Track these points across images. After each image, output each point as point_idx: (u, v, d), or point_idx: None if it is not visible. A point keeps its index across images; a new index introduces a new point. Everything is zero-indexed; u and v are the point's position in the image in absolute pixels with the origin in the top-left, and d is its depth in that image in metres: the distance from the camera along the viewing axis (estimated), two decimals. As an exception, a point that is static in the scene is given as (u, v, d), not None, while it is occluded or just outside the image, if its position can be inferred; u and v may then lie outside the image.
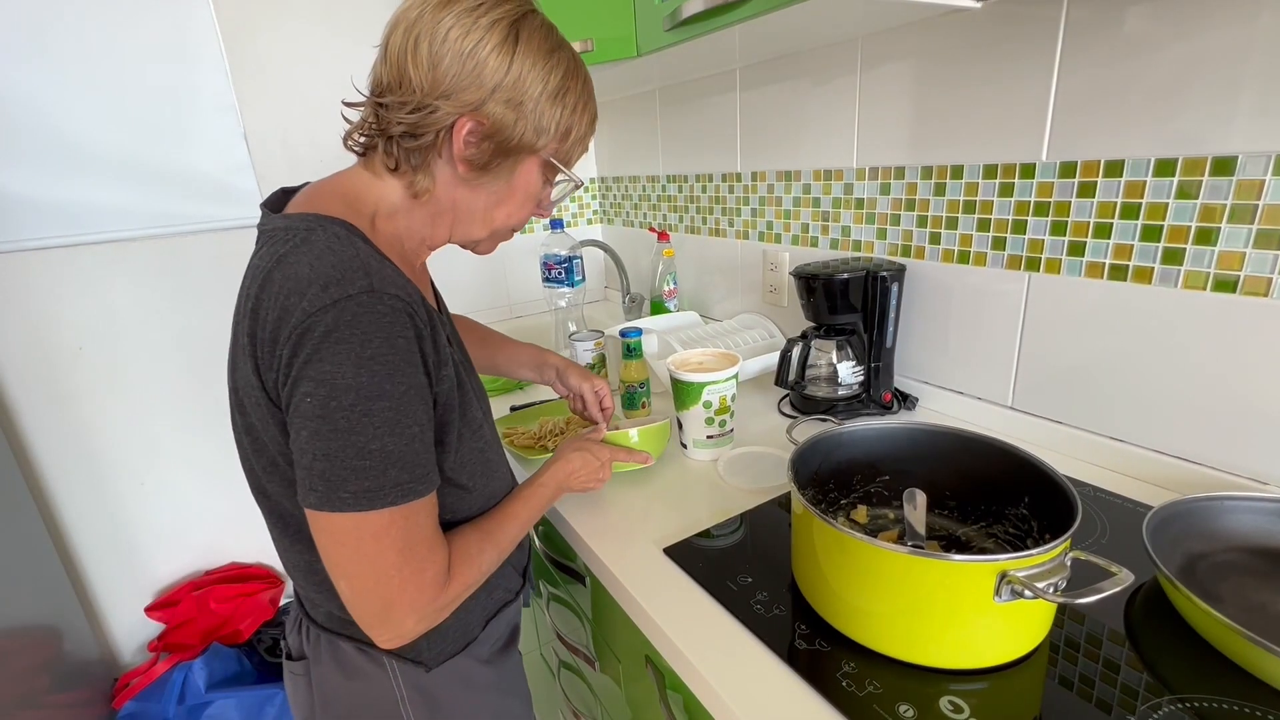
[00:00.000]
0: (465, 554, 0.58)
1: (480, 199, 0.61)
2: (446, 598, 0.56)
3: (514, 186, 0.61)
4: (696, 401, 0.90)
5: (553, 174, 0.63)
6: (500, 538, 0.63)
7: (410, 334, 0.50)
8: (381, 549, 0.50)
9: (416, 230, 0.62)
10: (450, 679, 0.65)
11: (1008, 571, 0.48)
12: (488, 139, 0.56)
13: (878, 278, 0.97)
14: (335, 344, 0.46)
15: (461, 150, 0.56)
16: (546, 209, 0.68)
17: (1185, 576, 0.59)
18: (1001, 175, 0.87)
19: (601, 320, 1.76)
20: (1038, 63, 0.80)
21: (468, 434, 0.60)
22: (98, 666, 1.46)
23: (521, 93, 0.55)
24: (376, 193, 0.59)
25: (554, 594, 1.07)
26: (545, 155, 0.60)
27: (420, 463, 0.51)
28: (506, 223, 0.64)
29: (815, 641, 0.57)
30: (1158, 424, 0.78)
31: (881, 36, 0.98)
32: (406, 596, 0.52)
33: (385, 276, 0.50)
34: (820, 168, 1.15)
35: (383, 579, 0.51)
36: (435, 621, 0.57)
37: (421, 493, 0.51)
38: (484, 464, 0.63)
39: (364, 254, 0.51)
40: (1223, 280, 0.69)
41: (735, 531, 0.75)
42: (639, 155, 1.69)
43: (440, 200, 0.60)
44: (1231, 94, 0.65)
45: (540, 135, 0.58)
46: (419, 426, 0.51)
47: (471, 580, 0.59)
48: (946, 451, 0.68)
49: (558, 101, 0.58)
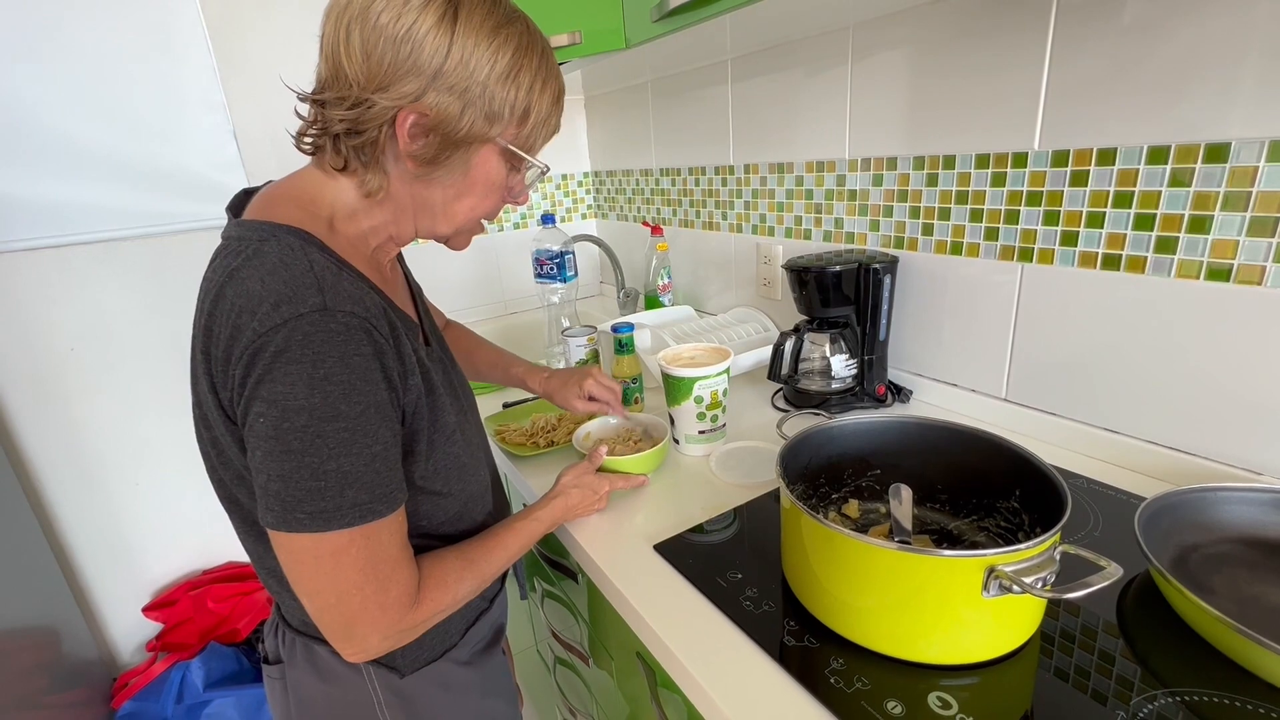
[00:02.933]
0: (441, 579, 0.57)
1: (438, 194, 0.57)
2: (414, 619, 0.54)
3: (472, 179, 0.57)
4: (688, 397, 0.89)
5: (519, 161, 0.58)
6: (483, 567, 0.61)
7: (367, 350, 0.48)
8: (341, 568, 0.49)
9: (380, 230, 0.59)
10: (428, 682, 0.64)
11: (995, 567, 0.47)
12: (433, 131, 0.52)
13: (870, 270, 0.96)
14: (287, 364, 0.45)
15: (407, 145, 0.52)
16: (520, 197, 0.64)
17: (1177, 569, 0.59)
18: (994, 165, 0.86)
19: (596, 316, 1.75)
20: (1030, 50, 0.78)
21: (440, 441, 0.58)
22: (96, 667, 1.46)
23: (466, 77, 0.51)
24: (331, 194, 0.56)
25: (548, 591, 1.07)
26: (503, 142, 0.56)
27: (381, 482, 0.49)
28: (471, 216, 0.60)
29: (804, 638, 0.57)
30: (1151, 415, 0.77)
31: (873, 25, 0.97)
32: (369, 615, 0.51)
33: (340, 291, 0.48)
34: (813, 159, 1.14)
35: (344, 597, 0.50)
36: (403, 641, 0.56)
37: (382, 513, 0.49)
38: (459, 469, 0.61)
39: (319, 267, 0.49)
40: (1216, 269, 0.68)
41: (727, 527, 0.75)
42: (632, 149, 1.68)
43: (397, 197, 0.57)
44: (1225, 80, 0.64)
45: (494, 122, 0.54)
46: (380, 445, 0.49)
47: (444, 605, 0.57)
48: (937, 445, 0.68)
49: (510, 83, 0.53)
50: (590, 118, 1.84)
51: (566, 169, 1.88)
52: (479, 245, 1.77)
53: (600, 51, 1.07)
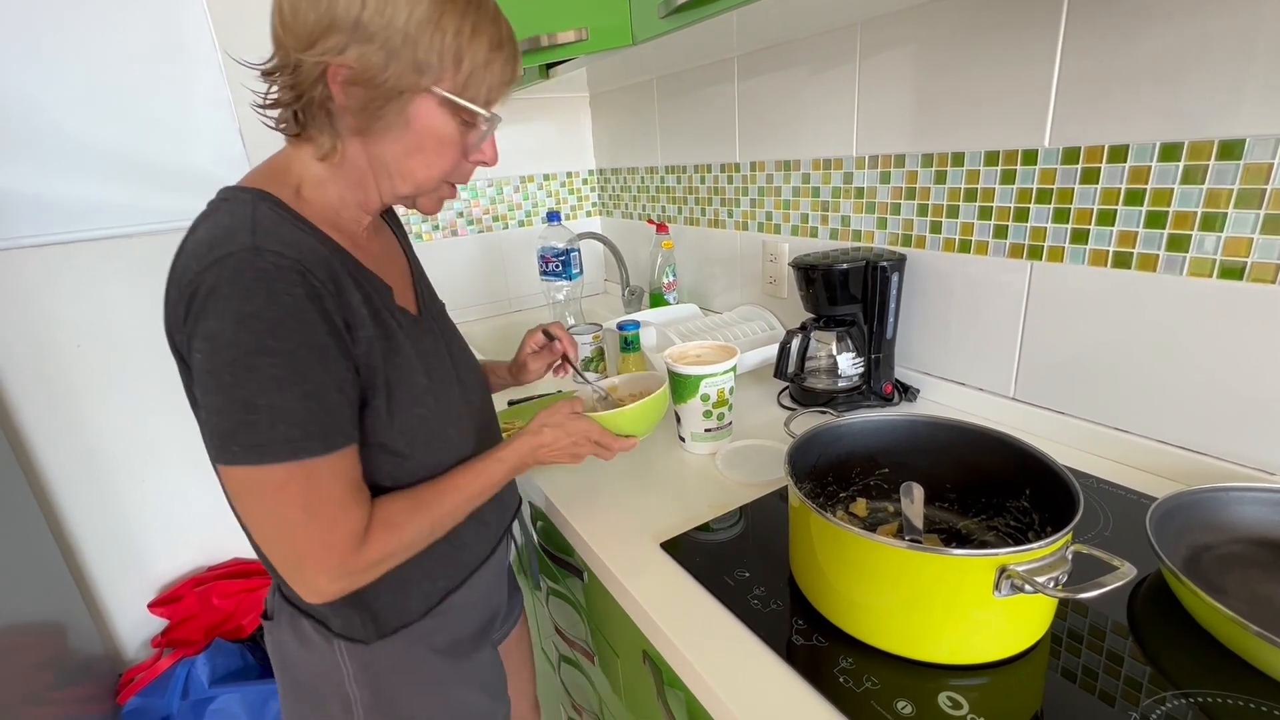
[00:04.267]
0: (388, 519, 0.57)
1: (389, 151, 0.57)
2: (361, 561, 0.55)
3: (417, 133, 0.57)
4: (694, 394, 0.89)
5: (466, 113, 0.57)
6: (435, 508, 0.60)
7: (299, 292, 0.49)
8: (283, 503, 0.51)
9: (348, 197, 0.60)
10: (396, 663, 0.65)
11: (1007, 566, 0.47)
12: (362, 84, 0.53)
13: (878, 268, 0.95)
14: (218, 301, 0.47)
15: (342, 101, 0.53)
16: (487, 155, 0.63)
17: (1189, 569, 0.58)
18: (1003, 162, 0.85)
19: (601, 314, 1.75)
20: (1040, 46, 0.78)
21: (406, 400, 0.59)
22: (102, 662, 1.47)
23: (385, 26, 0.51)
24: (299, 165, 0.58)
25: (553, 588, 1.07)
26: (440, 92, 0.55)
27: (314, 420, 0.50)
28: (428, 174, 0.60)
29: (813, 637, 0.57)
30: (1162, 414, 0.77)
31: (881, 22, 0.96)
32: (314, 554, 0.53)
33: (274, 235, 0.50)
34: (819, 157, 1.13)
35: (287, 533, 0.52)
36: (353, 584, 0.56)
37: (316, 450, 0.50)
38: (427, 434, 0.61)
39: (260, 215, 0.51)
40: (1229, 267, 0.68)
41: (733, 525, 0.75)
42: (637, 146, 1.67)
43: (354, 160, 0.58)
44: (1238, 75, 0.64)
45: (424, 71, 0.53)
46: (314, 385, 0.50)
47: (392, 548, 0.57)
48: (946, 443, 0.67)
49: (434, 29, 0.52)
50: (596, 115, 1.83)
51: (571, 166, 1.88)
52: (483, 243, 1.77)
53: (606, 48, 1.06)
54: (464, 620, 0.71)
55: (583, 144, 1.87)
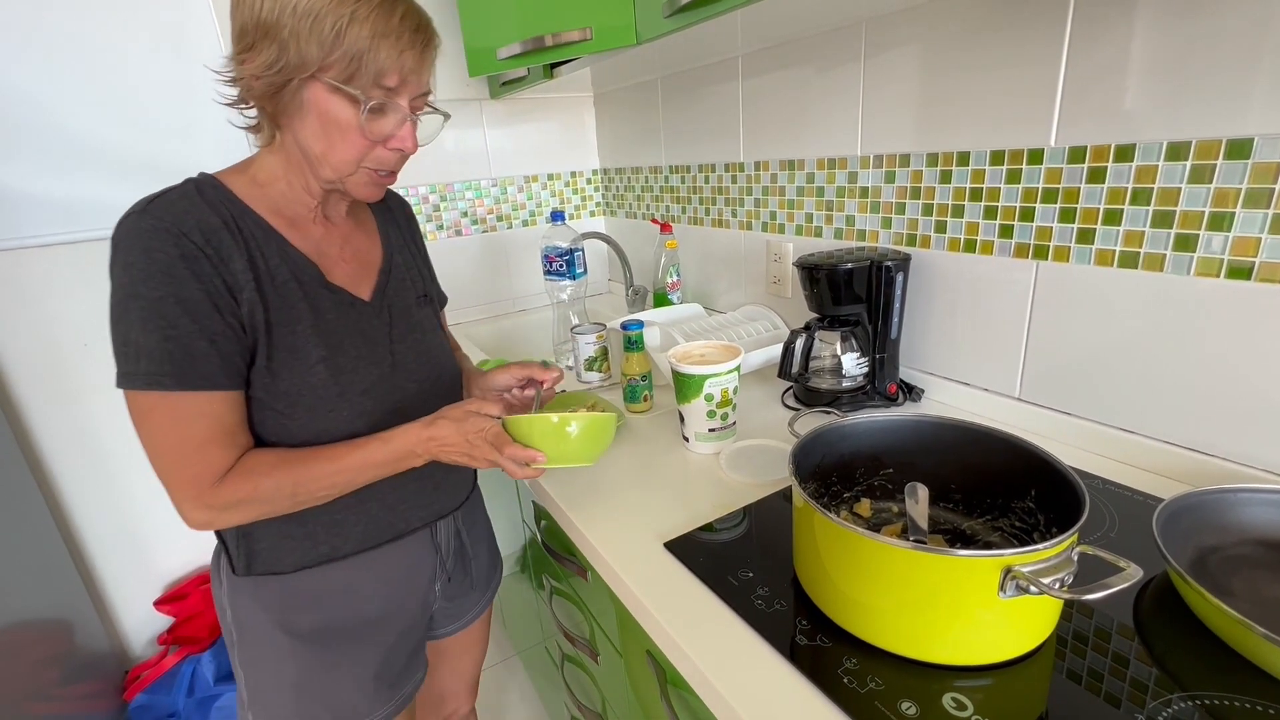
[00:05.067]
0: (250, 467, 0.63)
1: (302, 137, 0.63)
2: (219, 499, 0.61)
3: (318, 118, 0.62)
4: (698, 394, 0.89)
5: (357, 99, 0.61)
6: (300, 470, 0.64)
7: (172, 251, 0.57)
8: (152, 430, 0.59)
9: (296, 182, 0.67)
10: (256, 622, 0.71)
11: (1012, 567, 0.47)
12: (262, 77, 0.60)
13: (882, 267, 0.95)
14: (114, 252, 0.58)
15: (255, 91, 0.61)
16: (403, 143, 0.66)
17: (1196, 570, 0.58)
18: (1009, 161, 0.85)
19: (605, 313, 1.75)
20: (1046, 45, 0.77)
21: (292, 366, 0.64)
22: (108, 659, 1.48)
23: (275, 23, 0.58)
24: (260, 156, 0.68)
25: (556, 588, 1.07)
26: (326, 79, 0.60)
27: (174, 360, 0.57)
28: (339, 157, 0.64)
29: (817, 637, 0.57)
30: (1169, 415, 0.76)
31: (885, 20, 0.96)
32: (174, 480, 0.61)
33: (165, 205, 0.59)
34: (824, 156, 1.13)
35: (156, 457, 0.60)
36: (219, 519, 0.63)
37: (170, 386, 0.58)
38: (312, 400, 0.66)
39: (178, 191, 0.61)
40: (1237, 267, 0.67)
41: (737, 526, 0.75)
42: (641, 146, 1.67)
43: (288, 149, 0.65)
44: (1246, 74, 0.63)
45: (306, 58, 0.59)
46: (177, 331, 0.57)
47: (244, 494, 0.62)
48: (951, 444, 0.67)
49: (315, 20, 0.58)
50: (600, 114, 1.83)
51: (576, 166, 1.88)
52: (487, 242, 1.78)
53: (611, 48, 1.06)
54: (347, 605, 0.74)
55: (587, 143, 1.88)
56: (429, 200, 1.67)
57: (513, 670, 1.68)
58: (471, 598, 0.91)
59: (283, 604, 0.72)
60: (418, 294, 0.80)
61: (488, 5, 1.25)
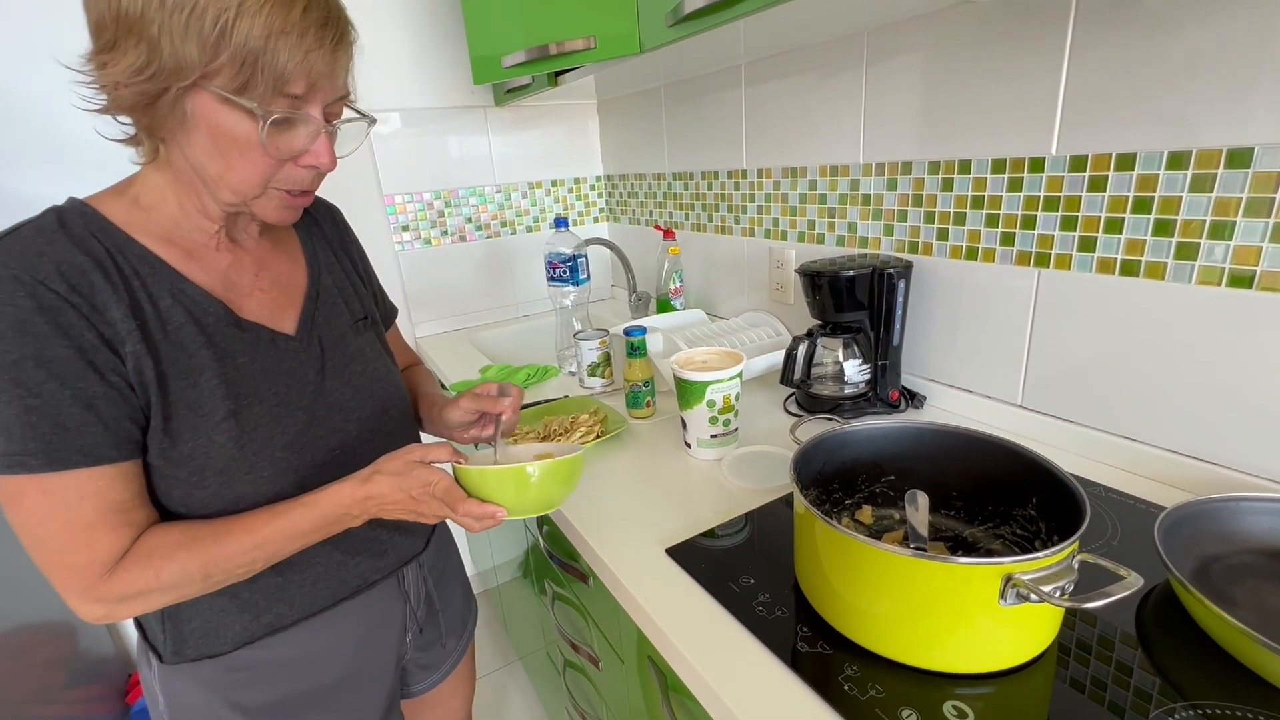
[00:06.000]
0: (149, 551, 0.53)
1: (193, 154, 0.53)
2: (111, 591, 0.51)
3: (208, 133, 0.51)
4: (700, 400, 0.89)
5: (250, 110, 0.51)
6: (211, 549, 0.54)
7: (26, 305, 0.47)
8: (25, 518, 0.50)
9: (189, 204, 0.57)
10: (200, 705, 0.62)
11: (1013, 575, 0.47)
12: (129, 85, 0.49)
13: (884, 274, 0.95)
14: None
15: (121, 100, 0.50)
16: (318, 158, 0.56)
17: (1199, 579, 0.58)
18: (1010, 170, 0.85)
19: (608, 319, 1.75)
20: (1047, 54, 0.78)
21: (194, 421, 0.54)
22: (112, 663, 1.48)
23: (138, 17, 0.47)
24: (142, 174, 0.57)
25: (558, 593, 1.07)
26: (212, 88, 0.49)
27: (38, 436, 0.48)
28: (240, 177, 0.54)
29: (817, 644, 0.57)
30: (1171, 423, 0.76)
31: (888, 30, 0.96)
32: (59, 573, 0.51)
33: (15, 251, 0.48)
34: (826, 164, 1.14)
35: (36, 546, 0.51)
36: (117, 612, 0.53)
37: (35, 467, 0.48)
38: (224, 463, 0.56)
39: (34, 226, 0.51)
40: (1238, 275, 0.67)
41: (739, 532, 0.75)
42: (644, 152, 1.68)
43: (176, 166, 0.55)
44: (1247, 83, 0.63)
45: (184, 62, 0.47)
46: (39, 400, 0.48)
47: (143, 584, 0.52)
48: (952, 451, 0.67)
49: (192, 14, 0.47)
50: (603, 121, 1.84)
51: (579, 172, 1.89)
52: (491, 248, 1.79)
53: (615, 56, 1.07)
54: (305, 675, 0.66)
55: (590, 150, 1.89)
56: (433, 206, 1.68)
57: (514, 675, 1.68)
58: (449, 644, 0.85)
59: (229, 681, 0.63)
60: (355, 318, 0.70)
61: (493, 14, 1.26)
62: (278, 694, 0.65)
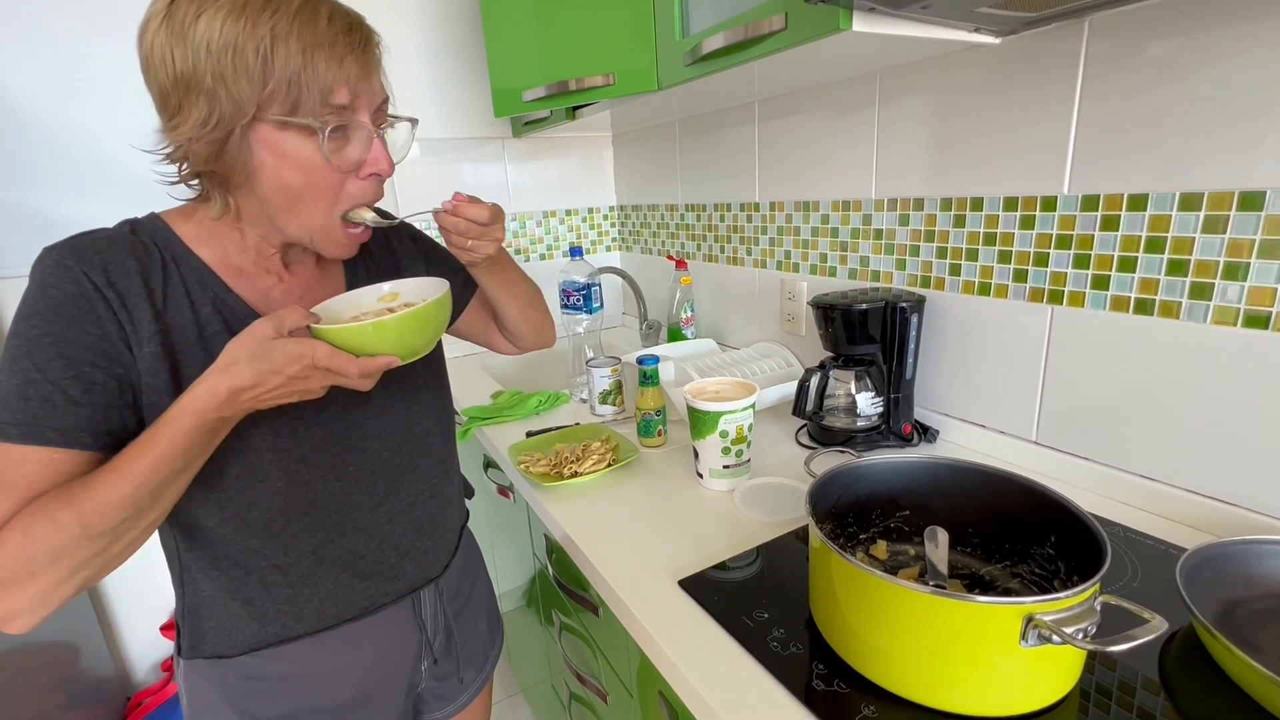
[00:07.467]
0: (22, 516, 0.49)
1: (264, 191, 0.56)
2: None
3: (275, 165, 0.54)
4: (713, 431, 0.89)
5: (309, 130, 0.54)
6: (80, 496, 0.48)
7: (69, 289, 0.51)
8: None
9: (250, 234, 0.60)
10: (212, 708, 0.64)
11: (1034, 615, 0.46)
12: (201, 139, 0.52)
13: (897, 308, 0.96)
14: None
15: (197, 158, 0.54)
16: (377, 165, 0.58)
17: (1222, 624, 0.57)
18: (1022, 208, 0.86)
19: (619, 347, 1.76)
20: (1058, 96, 0.80)
21: None
22: (112, 685, 1.47)
23: (193, 71, 0.50)
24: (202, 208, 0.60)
25: (565, 623, 1.06)
26: (269, 117, 0.52)
27: (27, 409, 0.49)
28: (314, 206, 0.57)
29: (834, 682, 0.56)
30: (1189, 462, 0.76)
31: (900, 71, 0.99)
32: None
33: (79, 245, 0.53)
34: (839, 198, 1.15)
35: None
36: (7, 598, 0.48)
37: (14, 438, 0.49)
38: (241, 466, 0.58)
39: (108, 231, 0.56)
40: (1254, 316, 0.68)
41: (752, 564, 0.74)
42: (658, 184, 1.71)
43: (249, 210, 0.58)
44: (1257, 127, 0.65)
45: (242, 100, 0.51)
46: (42, 375, 0.49)
47: (15, 551, 0.47)
48: (969, 487, 0.67)
49: (236, 54, 0.50)
50: (618, 153, 1.88)
51: (593, 202, 1.92)
52: (505, 275, 1.80)
53: (633, 93, 1.10)
54: (310, 693, 0.66)
55: (605, 181, 1.92)
56: (450, 233, 1.71)
57: (517, 709, 1.65)
58: (466, 677, 0.82)
59: (238, 690, 0.64)
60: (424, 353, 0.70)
61: (515, 49, 1.30)
62: (286, 708, 0.66)
